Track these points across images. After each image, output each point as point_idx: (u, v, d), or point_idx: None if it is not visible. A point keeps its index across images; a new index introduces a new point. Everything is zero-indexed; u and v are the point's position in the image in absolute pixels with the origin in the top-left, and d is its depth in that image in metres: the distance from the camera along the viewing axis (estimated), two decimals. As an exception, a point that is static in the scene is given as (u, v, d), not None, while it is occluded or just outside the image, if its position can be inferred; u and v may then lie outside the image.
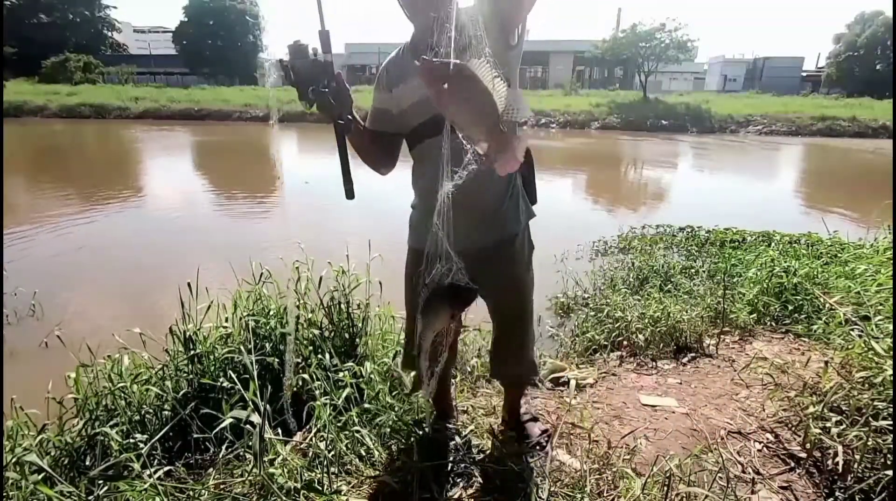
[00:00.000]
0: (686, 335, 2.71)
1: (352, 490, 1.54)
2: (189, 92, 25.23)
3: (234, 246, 4.90)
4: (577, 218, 6.65)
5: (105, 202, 7.19)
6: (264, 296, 2.15)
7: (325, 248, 2.14)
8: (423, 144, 1.37)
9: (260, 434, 1.35)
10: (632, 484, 1.49)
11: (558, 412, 2.12)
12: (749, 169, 12.39)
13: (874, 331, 1.86)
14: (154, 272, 4.47)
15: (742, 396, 2.24)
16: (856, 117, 19.72)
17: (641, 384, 2.40)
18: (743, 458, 1.79)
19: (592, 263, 4.60)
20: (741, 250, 4.49)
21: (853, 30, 31.92)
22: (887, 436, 1.53)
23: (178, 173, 10.56)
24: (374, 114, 1.43)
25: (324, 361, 1.92)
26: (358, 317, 2.20)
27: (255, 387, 1.49)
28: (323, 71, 1.18)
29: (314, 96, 1.17)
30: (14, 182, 8.40)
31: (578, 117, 20.73)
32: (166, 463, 1.57)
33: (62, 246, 5.20)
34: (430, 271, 1.20)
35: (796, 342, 2.73)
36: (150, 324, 2.07)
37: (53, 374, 1.81)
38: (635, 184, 10.39)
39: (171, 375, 1.87)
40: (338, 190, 1.47)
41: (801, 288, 3.07)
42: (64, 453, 1.63)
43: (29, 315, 3.50)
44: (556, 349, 2.93)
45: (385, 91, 1.38)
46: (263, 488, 1.42)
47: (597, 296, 3.58)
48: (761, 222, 5.35)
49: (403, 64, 1.34)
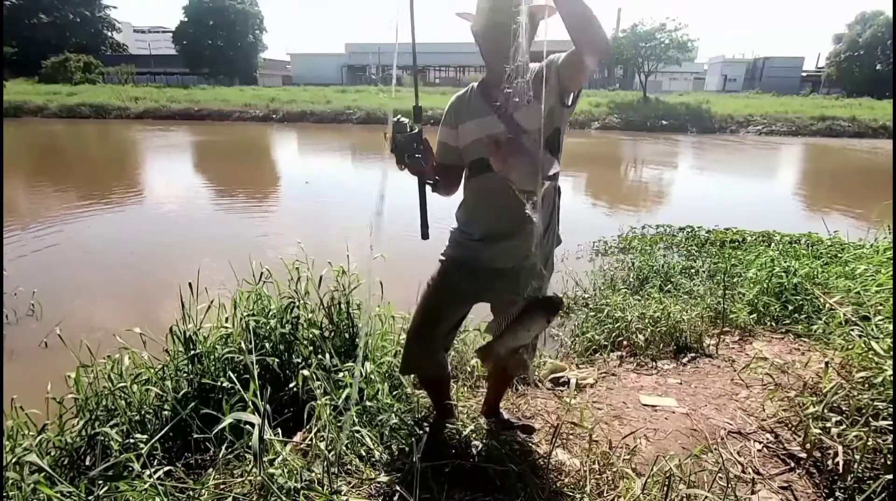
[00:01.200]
0: (686, 335, 2.72)
1: (352, 490, 1.54)
2: (189, 92, 25.25)
3: (234, 246, 4.90)
4: (576, 218, 6.65)
5: (105, 202, 7.19)
6: (264, 296, 2.15)
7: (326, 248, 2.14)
8: (478, 177, 1.49)
9: (260, 435, 1.35)
10: (632, 484, 1.49)
11: (558, 412, 2.12)
12: (749, 169, 12.40)
13: (874, 331, 1.86)
14: (154, 272, 4.47)
15: (742, 396, 2.24)
16: (856, 117, 19.73)
17: (641, 384, 2.40)
18: (743, 458, 1.79)
19: (592, 263, 4.61)
20: (741, 251, 4.49)
21: (853, 30, 31.91)
22: (887, 436, 1.53)
23: (178, 173, 10.57)
24: (440, 148, 1.57)
25: (324, 361, 1.92)
26: (358, 317, 2.19)
27: (255, 387, 1.50)
28: (416, 140, 1.39)
29: (409, 161, 1.39)
30: (14, 182, 8.41)
31: (578, 117, 20.73)
32: (166, 463, 1.57)
33: (62, 246, 5.20)
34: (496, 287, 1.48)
35: (796, 342, 2.73)
36: (150, 324, 2.07)
37: (53, 374, 1.81)
38: (635, 184, 10.39)
39: (172, 375, 1.87)
40: (338, 190, 1.49)
41: (801, 288, 3.08)
42: (64, 453, 1.63)
43: (28, 315, 3.50)
44: (556, 349, 2.93)
45: (451, 127, 1.52)
46: (263, 488, 1.42)
47: (597, 296, 3.58)
48: (761, 222, 5.36)
49: (470, 103, 1.48)
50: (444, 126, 1.54)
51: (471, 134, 1.46)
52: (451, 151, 1.54)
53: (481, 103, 1.44)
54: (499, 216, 1.45)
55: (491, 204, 1.46)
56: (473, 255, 1.54)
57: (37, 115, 21.31)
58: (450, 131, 1.52)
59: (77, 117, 21.10)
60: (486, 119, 1.42)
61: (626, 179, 10.87)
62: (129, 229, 6.08)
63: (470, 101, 1.48)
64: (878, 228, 4.13)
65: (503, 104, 1.37)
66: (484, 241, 1.51)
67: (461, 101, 1.50)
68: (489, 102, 1.42)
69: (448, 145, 1.54)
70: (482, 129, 1.42)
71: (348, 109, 21.42)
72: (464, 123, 1.47)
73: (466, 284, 1.57)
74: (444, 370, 1.75)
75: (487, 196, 1.47)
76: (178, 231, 5.96)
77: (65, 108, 21.75)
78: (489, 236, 1.50)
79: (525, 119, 1.36)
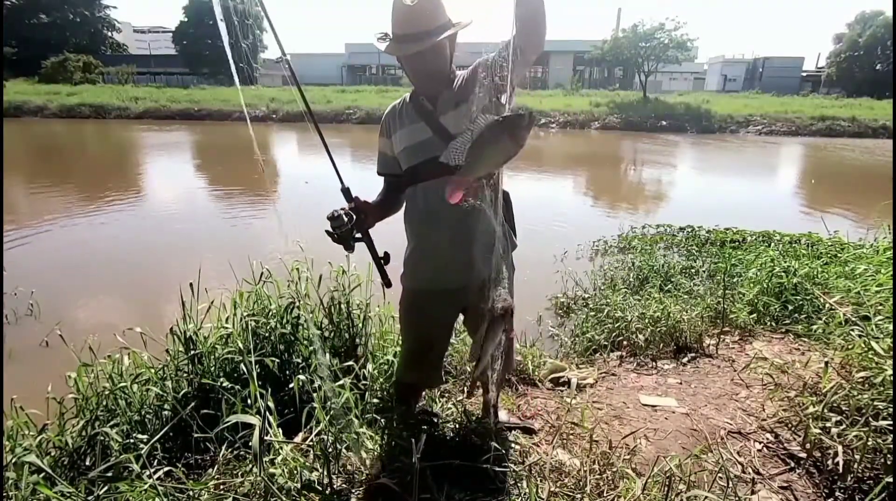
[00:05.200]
0: (686, 335, 2.71)
1: (352, 490, 1.54)
2: (189, 92, 25.23)
3: (234, 246, 4.90)
4: (577, 218, 6.65)
5: (105, 202, 7.19)
6: (264, 296, 2.15)
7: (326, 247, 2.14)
8: (413, 187, 1.53)
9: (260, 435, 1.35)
10: (632, 484, 1.49)
11: (558, 412, 2.12)
12: (749, 169, 12.39)
13: (874, 331, 1.86)
14: (154, 272, 4.47)
15: (742, 396, 2.24)
16: (856, 117, 19.73)
17: (641, 384, 2.40)
18: (743, 458, 1.79)
19: (592, 263, 4.61)
20: (741, 250, 4.49)
21: (853, 30, 31.92)
22: (887, 436, 1.53)
23: (177, 173, 10.57)
24: (380, 158, 1.62)
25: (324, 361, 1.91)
26: (358, 317, 2.19)
27: (255, 388, 1.49)
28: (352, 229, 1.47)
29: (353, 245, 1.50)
30: (14, 182, 8.41)
31: (578, 117, 20.74)
32: (166, 464, 1.57)
33: (61, 246, 5.20)
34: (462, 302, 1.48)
35: (796, 342, 2.73)
36: (150, 324, 2.07)
37: (53, 374, 1.81)
38: (635, 184, 10.39)
39: (172, 375, 1.87)
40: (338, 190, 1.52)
41: (801, 288, 3.07)
42: (64, 453, 1.63)
43: (27, 315, 3.50)
44: (556, 349, 2.93)
45: (387, 137, 1.57)
46: (264, 488, 1.42)
47: (597, 296, 3.58)
48: (761, 222, 5.36)
49: (402, 113, 1.52)
50: (382, 137, 1.58)
51: (402, 142, 1.50)
52: (389, 161, 1.59)
53: (412, 112, 1.49)
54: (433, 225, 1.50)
55: (426, 212, 1.51)
56: (430, 278, 1.58)
57: (37, 115, 21.28)
58: (386, 141, 1.57)
59: (77, 117, 21.08)
60: (415, 126, 1.47)
61: (626, 179, 10.87)
62: (128, 228, 6.07)
63: (402, 111, 1.53)
64: (878, 228, 4.14)
65: (431, 111, 1.43)
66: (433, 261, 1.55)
67: (394, 111, 1.55)
68: (418, 111, 1.47)
69: (387, 155, 1.59)
70: (412, 136, 1.47)
71: (348, 108, 21.43)
72: (396, 132, 1.53)
73: (435, 309, 1.62)
74: (442, 379, 1.86)
75: (422, 203, 1.51)
76: (177, 231, 5.96)
77: (65, 108, 21.72)
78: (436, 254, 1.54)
79: (453, 123, 1.40)
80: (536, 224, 5.82)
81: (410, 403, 1.87)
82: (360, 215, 1.49)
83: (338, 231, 1.45)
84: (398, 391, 1.86)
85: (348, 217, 1.45)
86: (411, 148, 1.48)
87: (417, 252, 1.60)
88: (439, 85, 1.42)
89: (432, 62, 1.37)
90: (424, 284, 1.60)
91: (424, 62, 1.37)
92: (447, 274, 1.54)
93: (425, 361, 1.70)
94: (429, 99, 1.45)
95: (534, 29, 1.25)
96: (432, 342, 1.68)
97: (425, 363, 1.71)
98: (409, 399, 1.87)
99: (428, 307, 1.62)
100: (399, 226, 1.65)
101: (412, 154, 1.48)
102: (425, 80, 1.43)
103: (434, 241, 1.53)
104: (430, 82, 1.42)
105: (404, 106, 1.53)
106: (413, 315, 1.67)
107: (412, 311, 1.67)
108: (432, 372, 1.74)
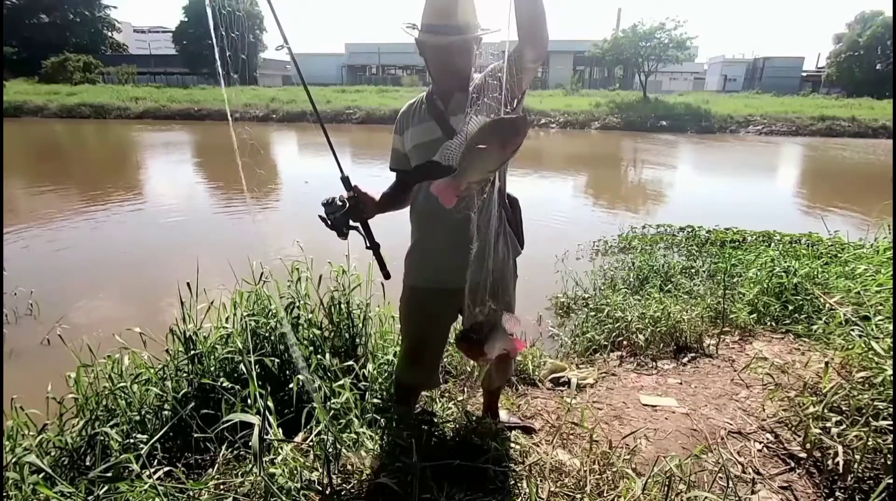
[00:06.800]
0: (686, 335, 2.71)
1: (352, 491, 1.54)
2: (189, 92, 25.20)
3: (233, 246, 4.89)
4: (577, 218, 6.65)
5: (104, 202, 7.19)
6: (264, 296, 2.15)
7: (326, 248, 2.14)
8: (420, 185, 1.54)
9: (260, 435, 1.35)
10: (632, 484, 1.49)
11: (558, 412, 2.12)
12: (749, 169, 12.39)
13: (874, 331, 1.86)
14: (154, 272, 4.47)
15: (742, 396, 2.24)
16: (856, 117, 19.71)
17: (641, 384, 2.40)
18: (743, 458, 1.79)
19: (592, 263, 4.60)
20: (741, 250, 4.49)
21: (853, 30, 31.89)
22: (887, 436, 1.53)
23: (177, 173, 10.56)
24: (393, 154, 1.64)
25: (324, 361, 1.92)
26: (358, 317, 2.19)
27: (254, 388, 1.49)
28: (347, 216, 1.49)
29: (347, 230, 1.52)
30: (13, 182, 8.40)
31: (578, 117, 20.73)
32: (166, 464, 1.57)
33: (62, 246, 5.19)
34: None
35: (796, 342, 2.73)
36: (150, 324, 2.07)
37: (53, 374, 1.81)
38: (635, 184, 10.39)
39: (172, 375, 1.87)
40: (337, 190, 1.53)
41: (801, 288, 3.07)
42: (64, 453, 1.63)
43: (27, 315, 3.50)
44: (556, 349, 2.93)
45: (399, 134, 1.59)
46: (264, 487, 1.42)
47: (597, 296, 3.58)
48: (761, 222, 5.36)
49: (417, 111, 1.54)
50: (395, 134, 1.60)
51: (412, 139, 1.52)
52: (400, 158, 1.60)
53: (424, 111, 1.51)
54: (434, 224, 1.51)
55: (428, 211, 1.51)
56: (428, 277, 1.59)
57: (37, 115, 21.29)
58: (399, 138, 1.59)
59: (77, 117, 21.08)
60: (426, 125, 1.48)
61: (626, 179, 10.86)
62: (128, 228, 6.07)
63: (417, 109, 1.55)
64: (878, 228, 4.14)
65: (443, 111, 1.46)
66: (432, 260, 1.56)
67: (410, 109, 1.57)
68: (430, 110, 1.49)
69: (399, 152, 1.60)
70: (422, 134, 1.50)
71: (348, 108, 21.42)
72: (408, 129, 1.54)
73: (432, 307, 1.61)
74: (439, 381, 1.87)
75: (425, 201, 1.52)
76: (177, 231, 5.96)
77: (65, 108, 21.72)
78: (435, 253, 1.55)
79: (461, 125, 1.38)
80: (536, 224, 5.82)
81: (410, 403, 1.87)
82: (358, 203, 1.50)
83: (330, 217, 1.45)
84: (397, 391, 1.86)
85: (342, 203, 1.46)
86: (420, 146, 1.50)
87: (418, 249, 1.60)
88: (457, 83, 1.42)
89: (458, 57, 1.38)
90: (423, 281, 1.60)
91: (451, 55, 1.38)
92: (446, 274, 1.53)
93: (422, 360, 1.70)
94: (442, 98, 1.46)
95: (535, 34, 1.25)
96: (428, 340, 1.67)
97: (422, 362, 1.70)
98: (408, 400, 1.87)
99: (425, 305, 1.62)
100: (399, 219, 1.65)
101: (421, 152, 1.49)
102: (446, 74, 1.43)
103: (435, 240, 1.53)
104: (449, 78, 1.43)
105: (419, 104, 1.55)
106: (411, 311, 1.67)
107: (410, 307, 1.67)
108: (429, 373, 1.74)
